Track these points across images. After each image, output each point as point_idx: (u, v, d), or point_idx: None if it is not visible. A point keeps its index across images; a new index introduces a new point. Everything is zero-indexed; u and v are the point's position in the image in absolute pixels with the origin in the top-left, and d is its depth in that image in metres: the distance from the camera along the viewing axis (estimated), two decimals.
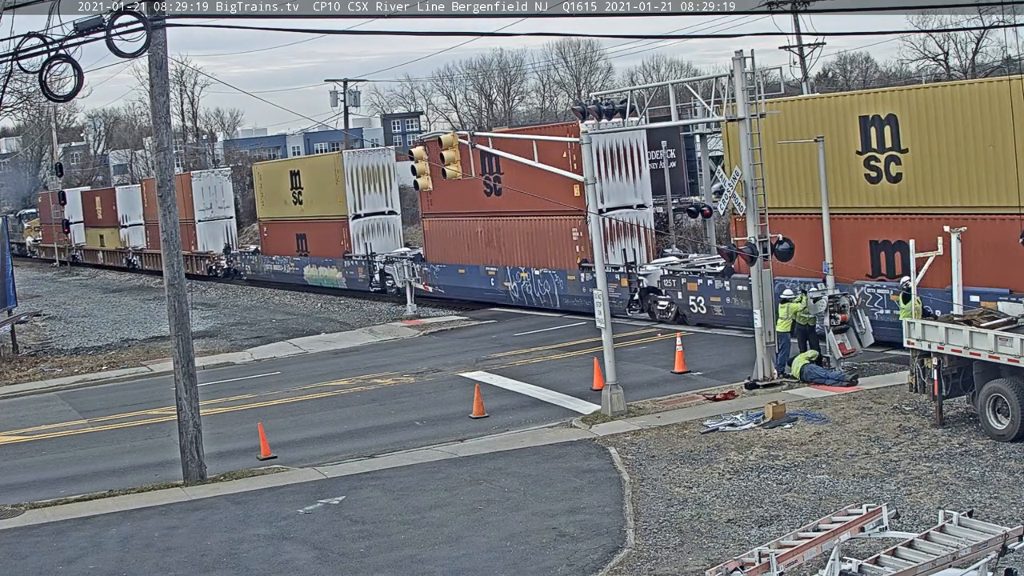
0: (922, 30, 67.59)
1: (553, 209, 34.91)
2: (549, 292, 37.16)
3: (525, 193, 33.32)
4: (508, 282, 39.21)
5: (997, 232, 24.08)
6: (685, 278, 32.47)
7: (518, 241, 38.58)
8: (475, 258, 40.76)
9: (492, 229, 39.84)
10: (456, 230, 41.63)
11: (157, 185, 21.34)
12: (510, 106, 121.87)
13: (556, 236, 36.67)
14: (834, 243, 26.63)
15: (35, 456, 24.99)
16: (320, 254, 50.25)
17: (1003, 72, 75.09)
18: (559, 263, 36.60)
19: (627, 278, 34.09)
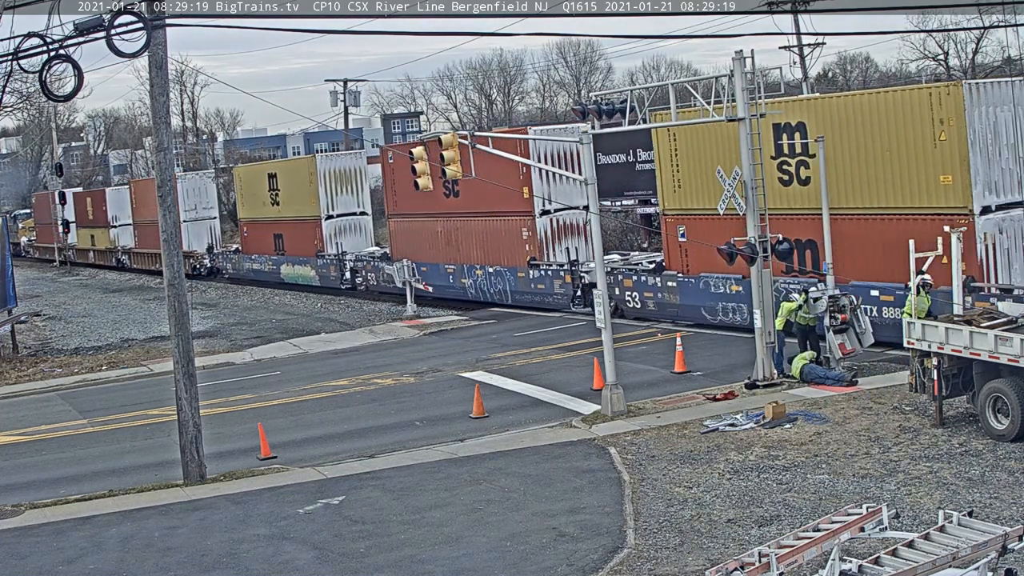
0: (922, 30, 67.61)
1: (505, 210, 37.47)
2: (501, 288, 39.26)
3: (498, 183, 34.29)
4: (465, 279, 41.09)
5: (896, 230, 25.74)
6: (622, 275, 34.34)
7: (474, 241, 40.65)
8: (436, 256, 42.55)
9: (451, 229, 41.78)
10: (419, 230, 43.75)
11: (157, 185, 21.34)
12: (510, 106, 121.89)
13: (508, 236, 38.81)
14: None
15: (35, 456, 24.99)
16: (295, 253, 52.18)
17: (1003, 72, 75.09)
18: (510, 261, 38.72)
19: (570, 275, 36.26)
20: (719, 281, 30.66)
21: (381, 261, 45.90)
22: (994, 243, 25.58)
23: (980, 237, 25.38)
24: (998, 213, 25.78)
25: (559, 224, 37.63)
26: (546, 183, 37.24)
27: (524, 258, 38.11)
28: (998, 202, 25.83)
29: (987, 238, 25.40)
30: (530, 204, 37.02)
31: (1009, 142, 26.05)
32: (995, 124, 25.81)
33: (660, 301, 33.09)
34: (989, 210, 25.64)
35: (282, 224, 53.24)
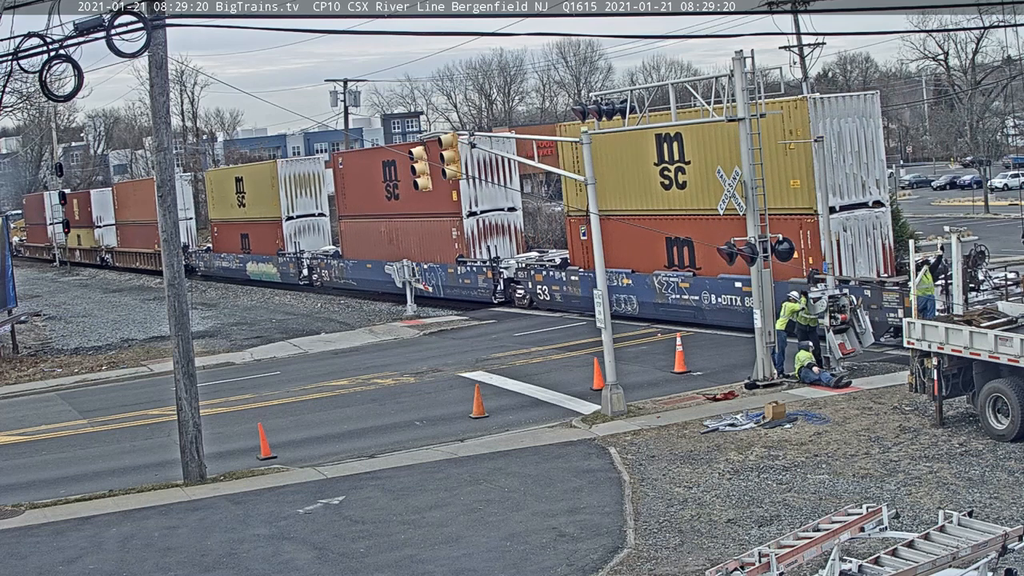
0: (922, 30, 67.65)
1: (438, 211, 41.08)
2: (435, 283, 42.42)
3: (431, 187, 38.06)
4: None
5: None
6: (533, 270, 38.27)
7: (412, 240, 43.87)
8: (379, 254, 45.62)
9: (392, 229, 45.13)
10: (366, 230, 46.97)
11: (157, 185, 21.34)
12: (510, 106, 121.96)
13: (440, 235, 42.10)
14: (637, 239, 32.89)
15: (35, 456, 24.99)
16: (260, 251, 55.74)
17: (1003, 72, 75.05)
18: (442, 258, 41.96)
19: (491, 271, 39.69)
20: (613, 275, 33.23)
21: (333, 259, 49.11)
22: (839, 239, 28.70)
23: (824, 233, 28.12)
24: (842, 213, 29.04)
25: (485, 224, 41.05)
26: (473, 187, 40.39)
27: (453, 255, 41.34)
28: (842, 203, 29.09)
29: (836, 237, 28.18)
30: (459, 206, 40.47)
31: (853, 149, 29.21)
32: (839, 134, 28.87)
33: (565, 293, 36.76)
34: (834, 210, 28.64)
35: (248, 225, 56.55)
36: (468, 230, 40.93)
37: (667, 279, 32.52)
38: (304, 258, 51.40)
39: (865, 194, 29.58)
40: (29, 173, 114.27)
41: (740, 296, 30.07)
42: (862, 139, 29.51)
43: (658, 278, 32.79)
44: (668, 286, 32.55)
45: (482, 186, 40.00)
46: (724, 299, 31.02)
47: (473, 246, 41.07)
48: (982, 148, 75.13)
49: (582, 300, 35.55)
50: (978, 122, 76.73)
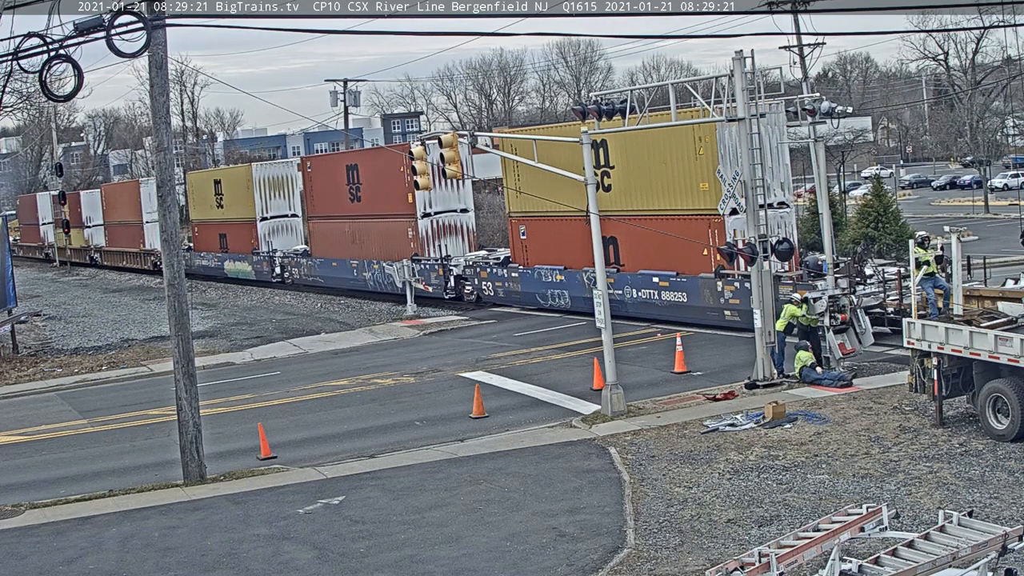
0: (922, 30, 67.67)
1: (396, 213, 43.90)
2: (392, 281, 44.73)
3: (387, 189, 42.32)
4: (366, 272, 46.43)
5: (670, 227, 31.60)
6: (479, 268, 40.77)
7: (373, 239, 46.22)
8: (344, 253, 48.37)
9: (355, 229, 47.49)
10: (331, 230, 49.45)
11: (157, 185, 21.35)
12: (510, 106, 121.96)
13: (397, 235, 44.48)
14: (569, 239, 35.72)
15: (35, 456, 24.99)
16: (236, 250, 58.15)
17: (1003, 72, 75.03)
18: (399, 257, 44.13)
19: (442, 268, 42.07)
20: (548, 272, 37.07)
21: (302, 257, 52.04)
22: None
23: (730, 233, 29.92)
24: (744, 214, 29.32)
25: (438, 225, 43.64)
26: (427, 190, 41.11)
27: (409, 254, 43.70)
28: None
29: (736, 233, 29.07)
30: (414, 208, 43.09)
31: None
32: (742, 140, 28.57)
33: (507, 289, 39.38)
34: (736, 212, 30.56)
35: (226, 225, 59.11)
36: (423, 230, 43.40)
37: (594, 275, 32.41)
38: (276, 257, 53.77)
39: (770, 196, 30.82)
40: (29, 173, 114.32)
41: (657, 290, 33.12)
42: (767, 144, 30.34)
43: (586, 274, 34.87)
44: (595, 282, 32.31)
45: (435, 188, 41.87)
46: (644, 293, 33.75)
47: (427, 245, 43.38)
48: (982, 148, 75.15)
49: (522, 295, 38.61)
50: (978, 122, 76.76)
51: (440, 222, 43.59)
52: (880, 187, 48.24)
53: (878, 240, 44.58)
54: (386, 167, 44.49)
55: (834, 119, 25.78)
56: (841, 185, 67.41)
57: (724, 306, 31.27)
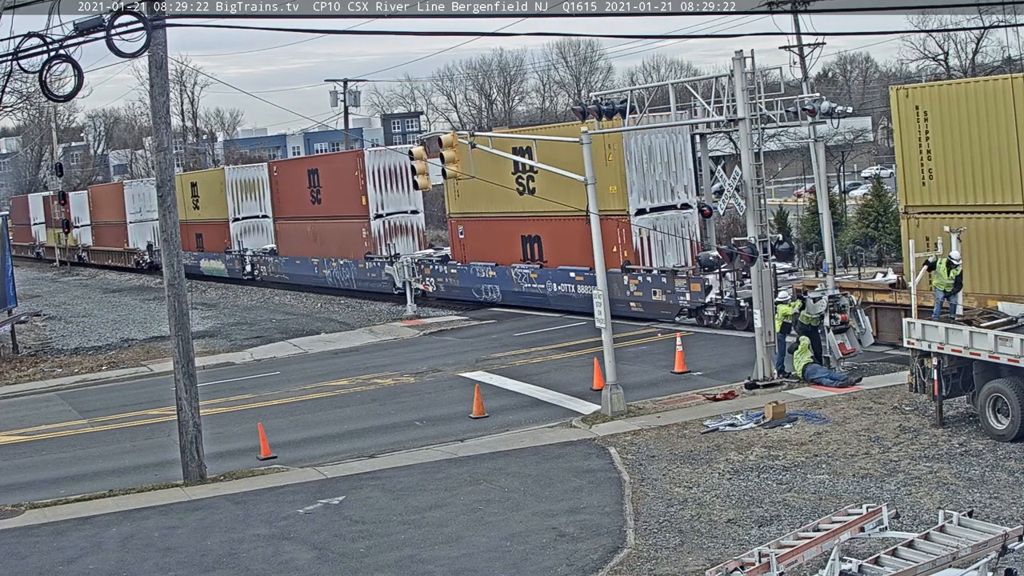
0: (922, 30, 67.59)
1: (351, 214, 47.09)
2: (348, 277, 47.87)
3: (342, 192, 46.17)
4: (325, 270, 49.50)
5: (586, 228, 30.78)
6: (424, 265, 43.39)
7: (331, 239, 49.13)
8: (306, 251, 51.51)
9: (316, 229, 50.66)
10: (296, 230, 52.66)
11: (157, 185, 21.36)
12: (510, 106, 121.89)
13: (352, 235, 47.46)
14: (499, 237, 39.02)
15: (35, 456, 24.98)
16: (211, 249, 61.52)
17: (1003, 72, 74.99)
18: (355, 255, 47.23)
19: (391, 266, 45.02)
20: (481, 268, 40.15)
21: (270, 256, 55.00)
22: (648, 236, 34.33)
23: (636, 232, 33.79)
24: (652, 214, 34.43)
25: (389, 225, 46.75)
26: (379, 192, 46.34)
27: (362, 252, 46.74)
28: (652, 206, 34.47)
29: (641, 232, 33.64)
30: (367, 210, 46.25)
31: (663, 160, 34.41)
32: (650, 148, 34.02)
33: (447, 284, 42.09)
34: (644, 212, 34.21)
35: (201, 225, 62.51)
36: (375, 230, 46.45)
37: (521, 271, 38.26)
38: (247, 255, 56.86)
39: (674, 198, 34.72)
40: (29, 173, 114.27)
41: (574, 284, 35.93)
42: (671, 151, 34.48)
43: (514, 270, 38.54)
44: (522, 277, 38.23)
45: (387, 191, 46.17)
46: (563, 287, 36.63)
47: (379, 244, 46.51)
48: None
49: (460, 290, 41.50)
50: None
51: (391, 223, 46.75)
52: (880, 187, 48.27)
53: (878, 240, 44.60)
54: (343, 171, 48.14)
55: (834, 119, 25.76)
56: (841, 185, 67.40)
57: (630, 298, 34.14)
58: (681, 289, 32.64)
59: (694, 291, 32.34)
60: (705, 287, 32.07)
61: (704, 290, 32.11)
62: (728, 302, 31.54)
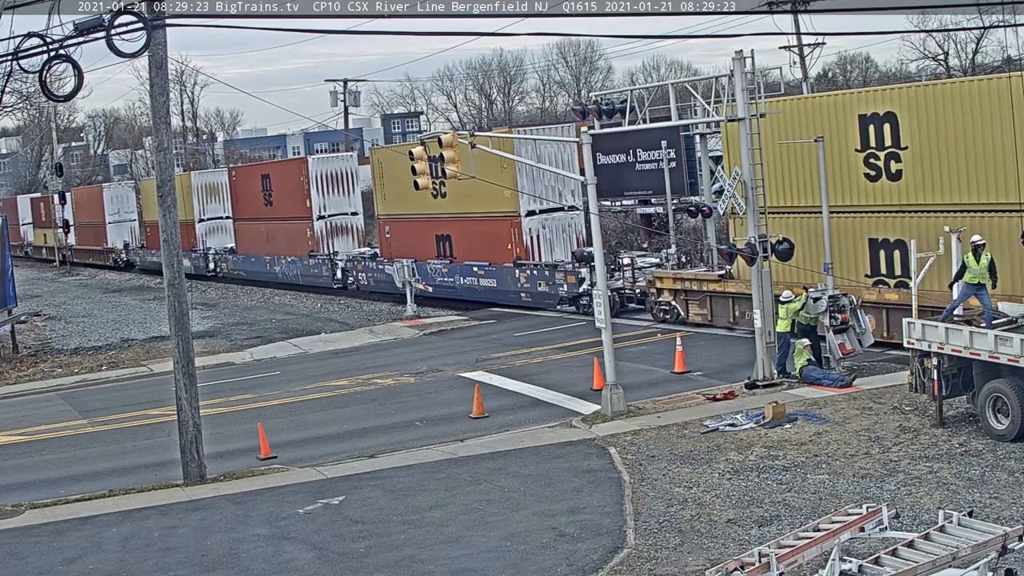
0: (922, 30, 67.62)
1: (296, 215, 51.60)
2: (295, 273, 52.25)
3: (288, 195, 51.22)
4: (276, 266, 53.80)
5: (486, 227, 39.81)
6: (357, 261, 47.43)
7: (280, 238, 53.65)
8: (260, 250, 56.09)
9: (268, 229, 55.20)
10: (251, 230, 57.26)
11: (157, 185, 21.34)
12: (510, 106, 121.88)
13: (298, 234, 51.77)
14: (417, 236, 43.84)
15: (35, 456, 24.98)
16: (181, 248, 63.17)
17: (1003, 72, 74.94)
18: (300, 253, 51.83)
19: (330, 262, 49.20)
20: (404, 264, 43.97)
21: (230, 254, 59.43)
22: (538, 235, 38.98)
23: (526, 231, 38.63)
24: (541, 215, 39.12)
25: (331, 226, 50.85)
26: (321, 195, 50.63)
27: (307, 250, 51.12)
28: (541, 208, 39.02)
29: (532, 231, 38.48)
30: (310, 211, 50.65)
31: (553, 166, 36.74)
32: (539, 157, 37.56)
33: (376, 279, 45.96)
34: (534, 213, 38.87)
35: None
36: (318, 230, 50.69)
37: (435, 266, 42.54)
38: (210, 253, 61.28)
39: (562, 200, 39.28)
40: (29, 173, 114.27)
41: (477, 278, 40.59)
42: (560, 159, 38.36)
43: (429, 265, 42.65)
44: (435, 271, 42.41)
45: (329, 194, 50.56)
46: (468, 280, 40.97)
47: (321, 243, 50.65)
48: None
49: (386, 284, 45.23)
50: None
51: (333, 223, 50.88)
52: None
53: None
54: (290, 176, 52.48)
55: None
56: None
57: (520, 289, 38.68)
58: (560, 281, 37.08)
59: (570, 283, 36.64)
60: (579, 279, 36.28)
61: (578, 281, 36.33)
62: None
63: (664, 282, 33.68)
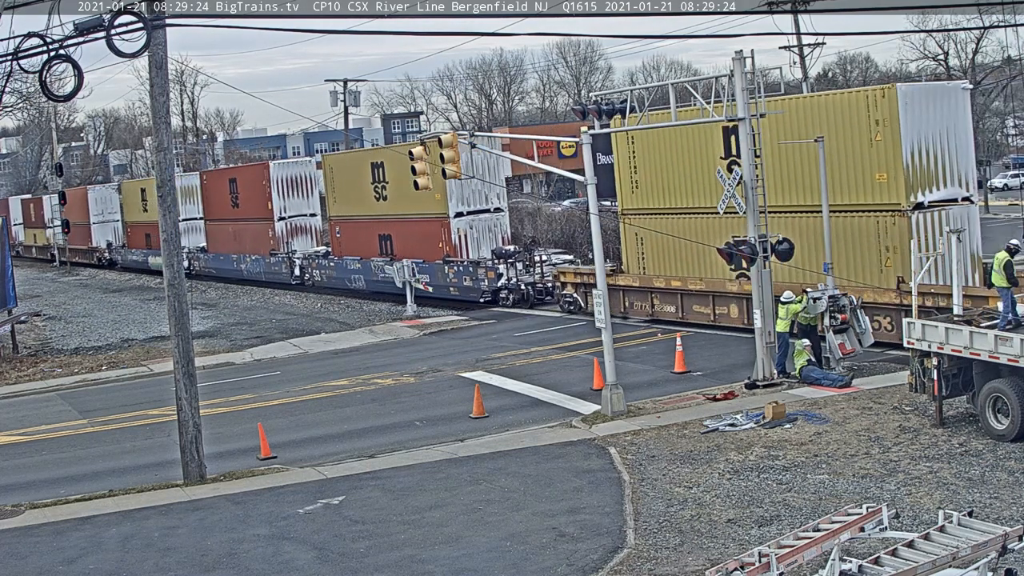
0: (922, 30, 67.60)
1: (260, 216, 55.65)
2: (259, 270, 56.08)
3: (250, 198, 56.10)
4: (242, 264, 57.74)
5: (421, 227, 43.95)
6: (312, 259, 51.53)
7: (246, 237, 57.42)
8: (228, 249, 59.99)
9: (236, 230, 58.99)
10: (221, 230, 61.22)
11: (157, 185, 21.34)
12: (510, 106, 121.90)
13: (261, 234, 55.87)
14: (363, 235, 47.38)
15: (35, 456, 24.98)
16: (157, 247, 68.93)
17: (1003, 72, 74.95)
18: (263, 251, 55.87)
19: (288, 261, 53.27)
20: (351, 261, 48.03)
21: (201, 252, 63.12)
22: (465, 235, 42.67)
23: (455, 231, 42.40)
24: (468, 216, 42.78)
25: (291, 227, 54.59)
26: (282, 198, 54.43)
27: (269, 249, 55.08)
28: (468, 209, 42.78)
29: (460, 231, 42.40)
30: (272, 213, 54.58)
31: (480, 173, 41.29)
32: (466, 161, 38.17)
33: (327, 275, 49.94)
34: (461, 215, 42.62)
35: (150, 226, 68.63)
36: (279, 231, 54.52)
37: (377, 263, 45.91)
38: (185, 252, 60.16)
39: (488, 203, 43.09)
40: (29, 173, 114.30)
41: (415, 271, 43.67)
42: (487, 166, 42.13)
43: (373, 262, 46.22)
44: (378, 268, 45.76)
45: (289, 197, 54.15)
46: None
47: (282, 242, 54.48)
48: (982, 148, 75.07)
49: (336, 279, 49.24)
50: (978, 122, 76.72)
51: (292, 224, 54.55)
52: None
53: None
54: (254, 180, 56.16)
55: None
56: None
57: (449, 283, 42.14)
58: (482, 276, 40.65)
59: (490, 278, 40.32)
60: (498, 274, 40.35)
61: (497, 276, 40.33)
62: (514, 286, 40.28)
63: (567, 276, 37.87)
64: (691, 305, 32.69)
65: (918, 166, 27.05)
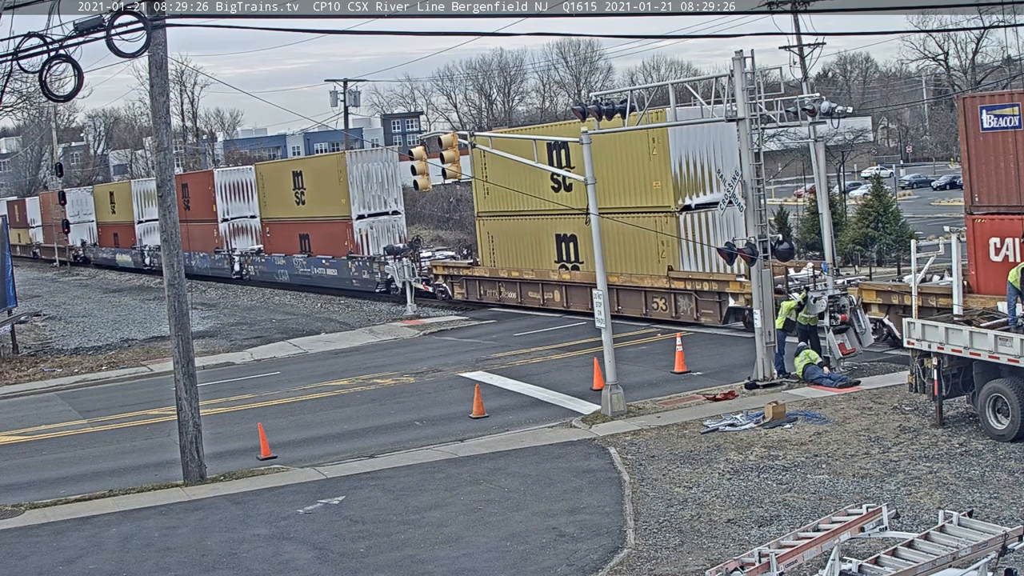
0: (922, 30, 67.64)
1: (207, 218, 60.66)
2: (206, 266, 61.14)
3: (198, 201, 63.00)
4: (192, 261, 60.67)
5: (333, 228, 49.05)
6: (248, 256, 56.91)
7: (196, 237, 61.35)
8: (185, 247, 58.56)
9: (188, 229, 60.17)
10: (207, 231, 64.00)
11: (157, 185, 21.32)
12: (510, 106, 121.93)
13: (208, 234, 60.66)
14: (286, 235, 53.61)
15: (35, 456, 24.98)
16: (124, 246, 75.79)
17: (1003, 72, 74.98)
18: (209, 249, 60.54)
19: (230, 258, 58.18)
20: (277, 257, 54.15)
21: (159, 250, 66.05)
22: (367, 234, 47.83)
23: (357, 231, 47.54)
24: (369, 219, 48.18)
25: (234, 227, 59.47)
26: (225, 201, 59.55)
27: (214, 247, 60.57)
28: (369, 212, 48.21)
29: (362, 231, 47.71)
30: (216, 215, 59.94)
31: (378, 181, 48.37)
32: (368, 172, 48.29)
33: (261, 269, 55.89)
34: (363, 217, 47.95)
35: (118, 226, 76.80)
36: (223, 230, 59.69)
37: (298, 259, 51.94)
38: (146, 250, 69.82)
39: (387, 207, 48.76)
40: (29, 173, 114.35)
41: (324, 268, 49.83)
42: (384, 174, 48.68)
43: (294, 259, 52.20)
44: (298, 263, 51.73)
45: (232, 200, 59.07)
46: (319, 270, 50.36)
47: (226, 241, 59.70)
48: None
49: (267, 274, 55.15)
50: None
51: (235, 224, 59.23)
52: (880, 187, 48.25)
53: (878, 240, 44.59)
54: (202, 185, 61.34)
55: (834, 119, 25.75)
56: (841, 185, 67.40)
57: (352, 276, 47.53)
58: (376, 270, 45.60)
59: (383, 271, 44.68)
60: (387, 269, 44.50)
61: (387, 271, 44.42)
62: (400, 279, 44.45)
63: (438, 269, 43.98)
64: (527, 292, 39.30)
65: (686, 175, 33.22)
